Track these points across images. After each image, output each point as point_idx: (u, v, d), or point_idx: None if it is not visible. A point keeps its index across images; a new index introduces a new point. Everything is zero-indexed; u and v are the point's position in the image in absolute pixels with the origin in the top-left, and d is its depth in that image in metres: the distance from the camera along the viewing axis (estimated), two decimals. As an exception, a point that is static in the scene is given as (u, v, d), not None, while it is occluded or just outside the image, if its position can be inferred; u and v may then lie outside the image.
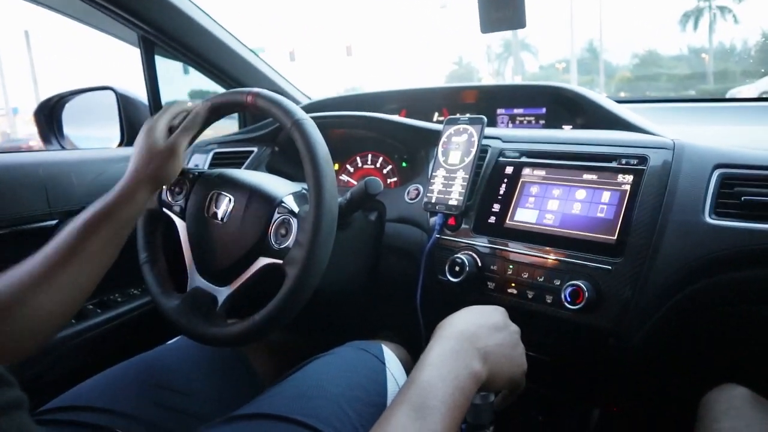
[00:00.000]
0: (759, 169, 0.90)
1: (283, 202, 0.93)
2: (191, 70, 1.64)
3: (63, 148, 1.65)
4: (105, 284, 0.85)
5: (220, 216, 0.97)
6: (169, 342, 1.09)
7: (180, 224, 1.01)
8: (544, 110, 1.46)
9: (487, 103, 1.55)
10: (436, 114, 1.64)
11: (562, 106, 1.40)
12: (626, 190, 0.93)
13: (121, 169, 1.41)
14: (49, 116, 1.65)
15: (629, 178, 0.94)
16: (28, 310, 0.73)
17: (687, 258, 0.87)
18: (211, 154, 1.48)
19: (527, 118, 1.49)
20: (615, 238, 0.91)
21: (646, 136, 1.05)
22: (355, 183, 1.42)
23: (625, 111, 1.22)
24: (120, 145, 1.60)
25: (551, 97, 1.43)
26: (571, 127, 1.40)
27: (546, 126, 1.46)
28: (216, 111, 0.99)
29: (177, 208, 1.02)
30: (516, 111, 1.51)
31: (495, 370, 0.71)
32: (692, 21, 34.63)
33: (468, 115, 1.13)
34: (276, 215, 0.92)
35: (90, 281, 0.81)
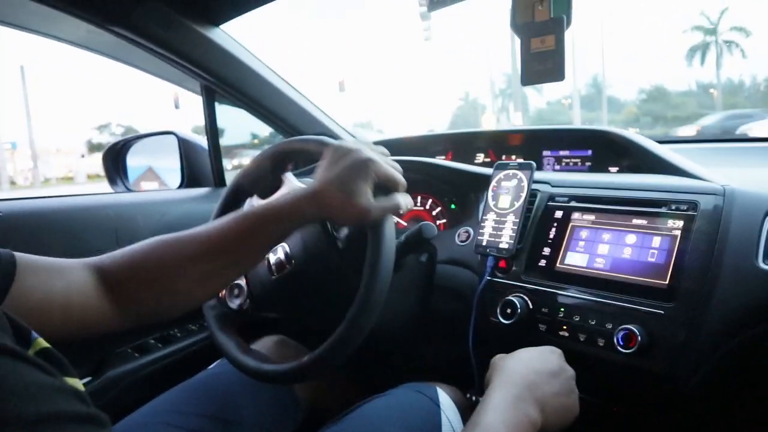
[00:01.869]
0: None
1: None
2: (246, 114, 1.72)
3: (128, 189, 1.75)
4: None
5: None
6: (210, 367, 1.13)
7: None
8: (590, 152, 1.49)
9: (531, 145, 1.59)
10: (482, 156, 1.69)
11: (607, 148, 1.43)
12: (677, 235, 0.95)
13: (182, 210, 1.51)
14: (115, 159, 1.76)
15: (680, 223, 0.96)
16: (182, 282, 0.76)
17: (741, 303, 0.88)
18: None
19: (573, 160, 1.52)
20: (666, 282, 0.92)
21: (696, 181, 1.07)
22: (405, 224, 1.46)
23: (670, 154, 1.24)
24: (180, 186, 1.69)
25: (596, 140, 1.46)
26: (617, 169, 1.42)
27: (592, 168, 1.49)
28: None
29: None
30: (562, 153, 1.54)
31: (551, 419, 0.74)
32: (699, 56, 34.41)
33: (518, 161, 1.17)
34: None
35: (237, 274, 0.85)
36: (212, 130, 1.62)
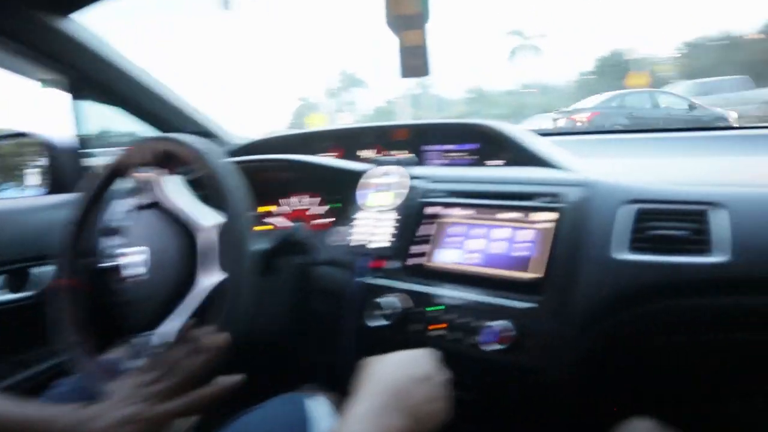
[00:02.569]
0: (668, 203, 0.93)
1: None
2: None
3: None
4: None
5: None
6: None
7: None
8: (475, 146, 1.48)
9: (419, 139, 1.57)
10: (370, 151, 1.65)
11: (491, 142, 1.42)
12: (544, 228, 0.94)
13: (45, 218, 1.38)
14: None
15: (547, 215, 0.95)
16: None
17: (605, 293, 0.88)
18: None
19: (459, 154, 1.51)
20: (535, 276, 0.91)
21: (563, 173, 1.07)
22: (291, 224, 1.41)
23: (545, 147, 1.24)
24: (43, 193, 1.55)
25: (481, 134, 1.45)
26: (503, 162, 1.42)
27: (478, 161, 1.48)
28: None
29: None
30: (447, 147, 1.52)
31: (419, 425, 0.71)
32: (516, 58, 36.30)
33: (396, 157, 1.14)
34: None
35: None
36: (75, 129, 1.49)
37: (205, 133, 1.73)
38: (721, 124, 8.30)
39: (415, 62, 0.85)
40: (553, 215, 0.95)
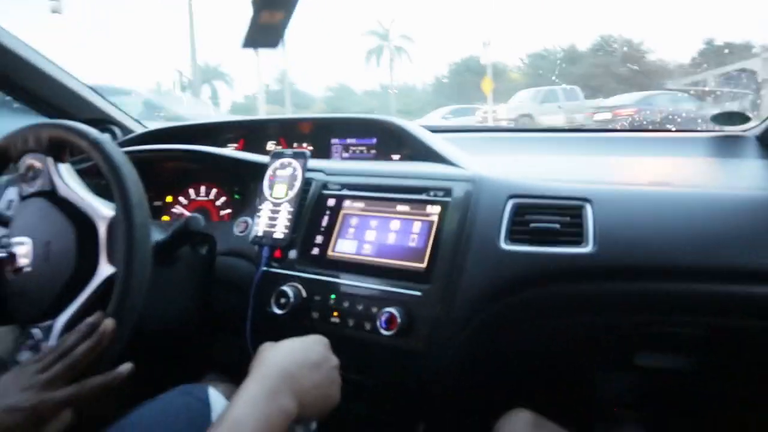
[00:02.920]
0: (545, 198, 1.02)
1: None
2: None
3: None
4: None
5: None
6: None
7: None
8: (375, 140, 1.54)
9: (322, 133, 1.60)
10: (274, 144, 1.67)
11: (389, 137, 1.48)
12: (433, 221, 1.01)
13: None
14: None
15: (437, 209, 1.02)
16: None
17: (487, 281, 0.96)
18: None
19: (359, 148, 1.56)
20: (424, 265, 0.98)
21: (453, 169, 1.14)
22: (189, 214, 1.40)
23: (439, 143, 1.31)
24: None
25: (380, 129, 1.51)
26: (399, 157, 1.48)
27: (377, 155, 1.54)
28: None
29: None
30: (349, 141, 1.57)
31: (308, 409, 0.74)
32: (375, 58, 36.77)
33: (292, 150, 1.17)
34: None
35: None
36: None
37: (103, 121, 1.68)
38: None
39: (261, 37, 0.88)
40: (443, 209, 1.02)
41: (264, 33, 0.86)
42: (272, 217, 1.12)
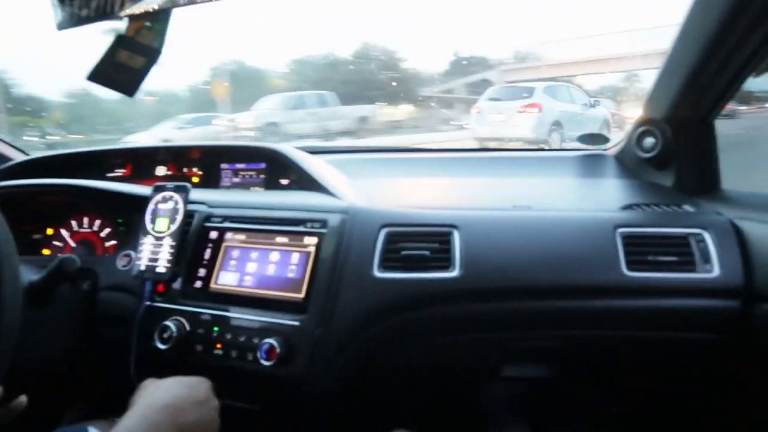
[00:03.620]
0: (416, 226, 1.10)
1: None
2: None
3: None
4: None
5: None
6: None
7: None
8: (264, 165, 1.57)
9: (210, 159, 1.61)
10: (164, 169, 1.66)
11: (276, 162, 1.51)
12: (311, 252, 1.06)
13: None
14: None
15: (314, 240, 1.07)
16: None
17: (361, 308, 1.02)
18: None
19: (249, 173, 1.58)
20: (302, 296, 1.03)
21: (329, 199, 1.20)
22: (74, 246, 1.38)
23: (319, 170, 1.36)
24: None
25: (266, 155, 1.54)
26: (288, 181, 1.52)
27: (266, 180, 1.56)
28: None
29: None
30: (239, 166, 1.59)
31: None
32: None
33: (174, 183, 1.18)
34: None
35: None
36: None
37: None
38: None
39: (115, 75, 0.88)
40: (320, 240, 1.07)
41: (119, 72, 0.85)
42: (155, 251, 1.13)
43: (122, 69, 0.85)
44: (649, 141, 1.34)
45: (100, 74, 0.86)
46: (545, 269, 1.03)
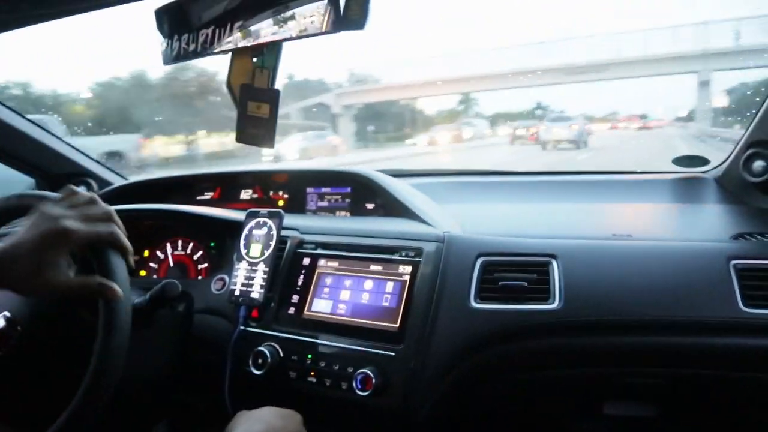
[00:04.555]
0: (513, 255, 1.06)
1: None
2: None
3: None
4: None
5: None
6: None
7: None
8: (349, 189, 1.57)
9: (296, 182, 1.63)
10: (250, 192, 1.69)
11: (362, 186, 1.51)
12: (406, 281, 1.05)
13: None
14: None
15: (408, 269, 1.06)
16: None
17: (458, 340, 0.99)
18: None
19: (335, 197, 1.59)
20: (397, 326, 1.01)
21: (423, 227, 1.18)
22: (171, 265, 1.42)
23: (407, 196, 1.34)
24: None
25: (351, 180, 1.54)
26: (373, 206, 1.52)
27: (351, 203, 1.56)
28: None
29: None
30: (324, 190, 1.60)
31: None
32: None
33: (267, 210, 1.19)
34: None
35: None
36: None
37: (79, 174, 1.69)
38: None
39: (253, 131, 0.89)
40: (415, 269, 1.05)
41: (256, 126, 0.87)
42: (249, 276, 1.15)
43: (255, 123, 0.87)
44: (759, 164, 1.26)
45: (243, 134, 0.88)
46: (652, 303, 0.98)
